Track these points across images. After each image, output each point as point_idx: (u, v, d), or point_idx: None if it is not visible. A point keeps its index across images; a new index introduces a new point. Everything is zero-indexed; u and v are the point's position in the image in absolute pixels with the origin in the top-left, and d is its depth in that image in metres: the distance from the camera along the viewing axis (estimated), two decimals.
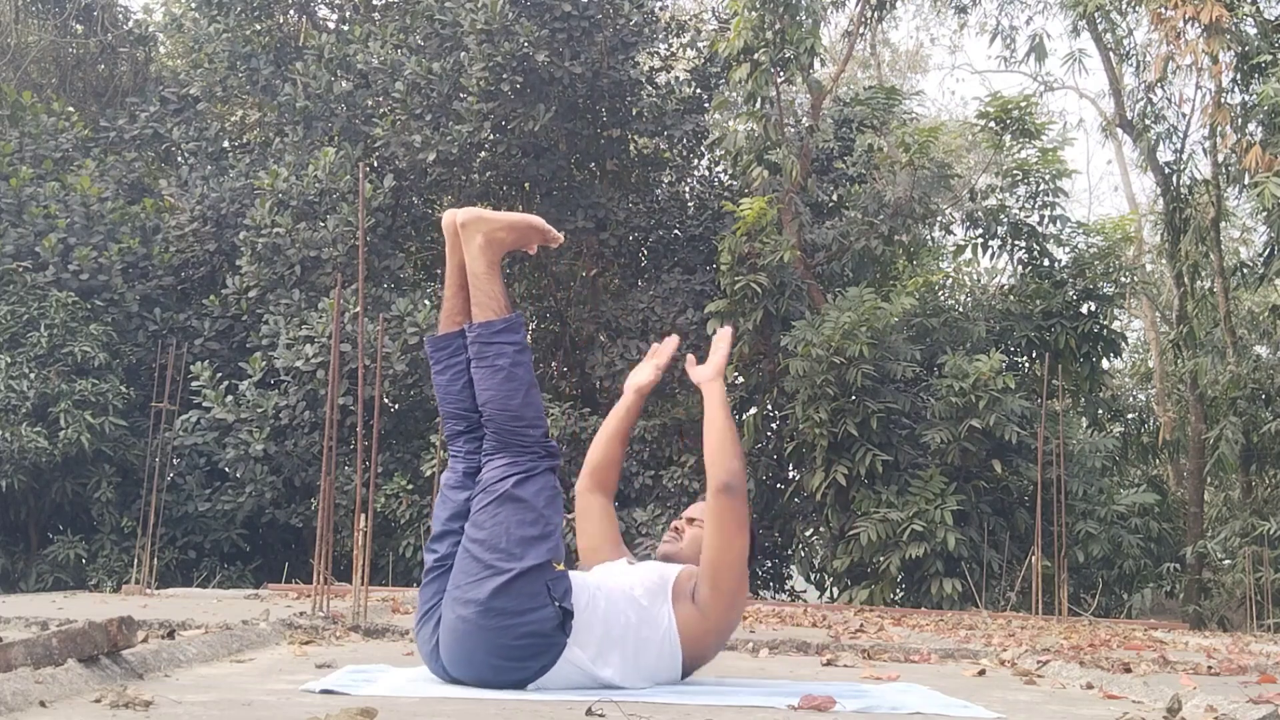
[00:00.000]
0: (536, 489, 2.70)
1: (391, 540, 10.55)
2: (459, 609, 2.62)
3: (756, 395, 11.65)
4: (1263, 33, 11.53)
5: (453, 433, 2.89)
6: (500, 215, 2.91)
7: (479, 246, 2.83)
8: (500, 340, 2.77)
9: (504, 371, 2.75)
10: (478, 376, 2.79)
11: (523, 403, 2.75)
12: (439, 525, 2.80)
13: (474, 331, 2.80)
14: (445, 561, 2.73)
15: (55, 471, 10.08)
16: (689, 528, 3.07)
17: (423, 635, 2.75)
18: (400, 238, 12.66)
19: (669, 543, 3.07)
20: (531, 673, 2.63)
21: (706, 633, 2.83)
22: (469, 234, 2.85)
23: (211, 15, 13.01)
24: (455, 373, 2.87)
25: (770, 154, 10.95)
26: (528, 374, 2.78)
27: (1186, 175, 13.26)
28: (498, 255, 2.86)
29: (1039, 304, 11.59)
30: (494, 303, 2.80)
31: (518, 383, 2.76)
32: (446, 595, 2.67)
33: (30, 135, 11.87)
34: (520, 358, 2.77)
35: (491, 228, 2.85)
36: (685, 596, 2.82)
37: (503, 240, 2.87)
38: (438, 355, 2.91)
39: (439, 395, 2.93)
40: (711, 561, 2.82)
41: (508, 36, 11.01)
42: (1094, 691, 3.11)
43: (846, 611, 7.89)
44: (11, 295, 10.35)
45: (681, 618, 2.79)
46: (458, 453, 2.86)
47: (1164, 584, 11.26)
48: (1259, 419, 11.60)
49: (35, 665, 2.24)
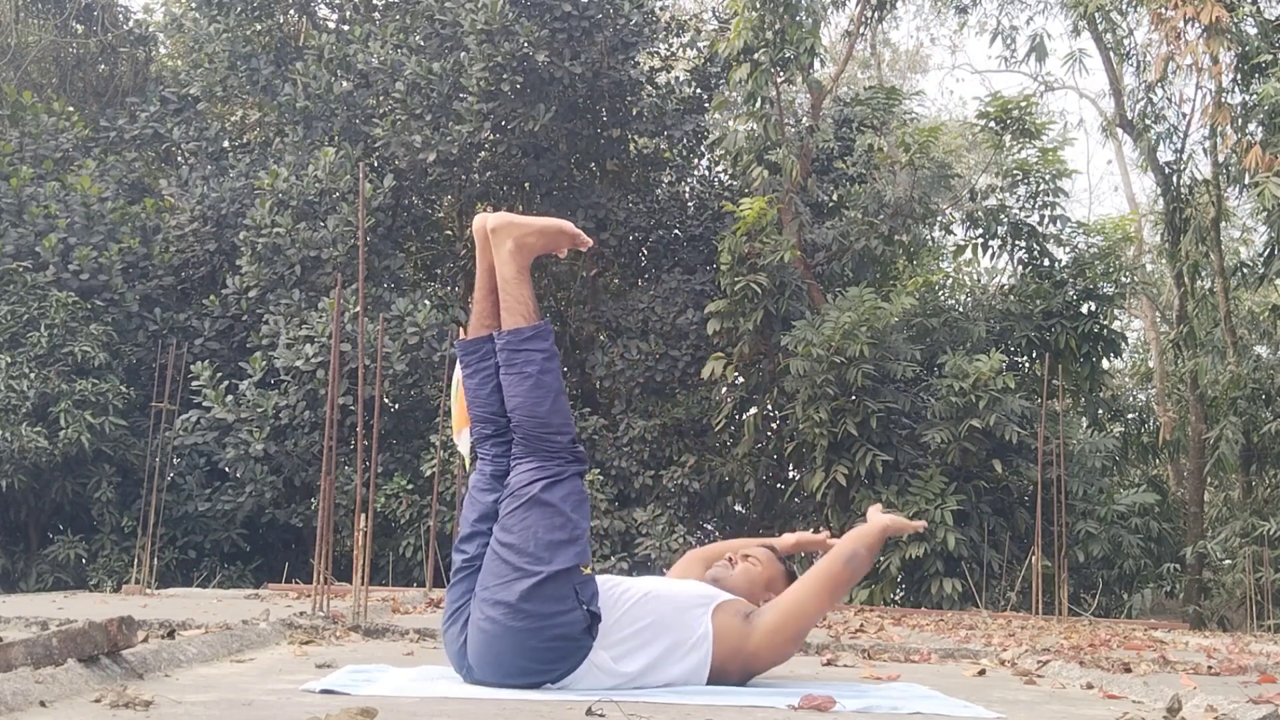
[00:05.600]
0: (564, 493, 2.71)
1: (391, 540, 10.55)
2: (488, 610, 2.63)
3: (756, 395, 11.65)
4: (1263, 33, 11.53)
5: (481, 436, 2.89)
6: (530, 220, 2.91)
7: (509, 251, 2.83)
8: (529, 347, 2.77)
9: (532, 379, 2.76)
10: (506, 383, 2.80)
11: (551, 409, 2.76)
12: (467, 527, 2.81)
13: (503, 338, 2.81)
14: (474, 562, 2.75)
15: (55, 471, 10.08)
16: (743, 561, 3.13)
17: (450, 634, 2.76)
18: (400, 238, 12.67)
19: (721, 568, 3.12)
20: (559, 674, 2.65)
21: (741, 651, 2.81)
22: (499, 239, 2.85)
23: (211, 15, 13.01)
24: (484, 377, 2.87)
25: (770, 154, 10.95)
26: (556, 381, 2.79)
27: (1186, 175, 13.26)
28: (527, 260, 2.87)
29: (1039, 304, 11.58)
30: (523, 308, 2.80)
31: (546, 389, 2.76)
32: (475, 596, 2.69)
33: (30, 135, 11.87)
34: (549, 365, 2.78)
35: (522, 233, 2.85)
36: (737, 615, 2.84)
37: (532, 245, 2.87)
38: (467, 359, 2.91)
39: (468, 398, 2.94)
40: (793, 601, 2.86)
41: (508, 36, 11.01)
42: (1094, 691, 3.11)
43: (846, 611, 7.89)
44: (11, 295, 10.34)
45: (720, 628, 2.79)
46: (486, 455, 2.87)
47: (1164, 584, 11.26)
48: (1259, 419, 11.59)
49: (35, 665, 2.24)
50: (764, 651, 2.85)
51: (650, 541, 10.00)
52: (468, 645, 2.70)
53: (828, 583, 2.90)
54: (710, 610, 2.82)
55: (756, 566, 3.10)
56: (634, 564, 9.85)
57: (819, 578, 2.90)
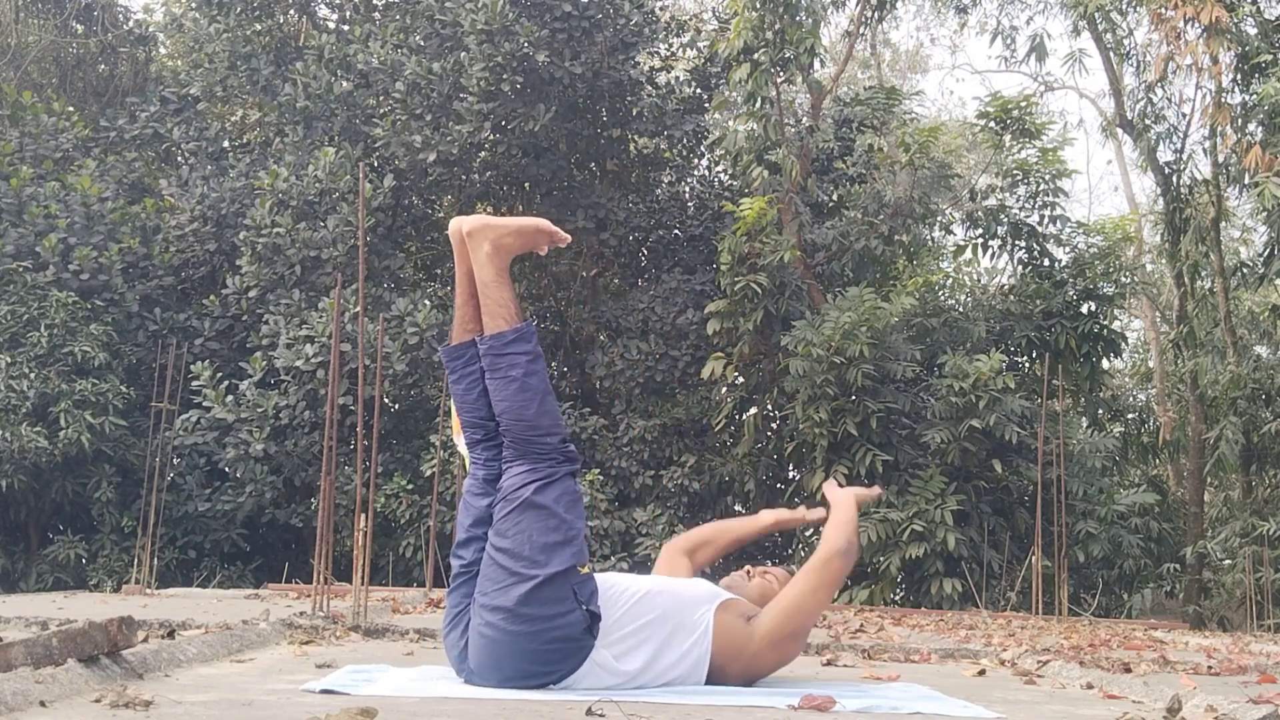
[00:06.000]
0: (556, 494, 2.70)
1: (391, 540, 10.55)
2: (487, 615, 2.63)
3: (756, 395, 11.65)
4: (1263, 33, 11.52)
5: (472, 440, 2.89)
6: (506, 221, 2.89)
7: (486, 254, 2.82)
8: (512, 351, 2.76)
9: (517, 382, 2.75)
10: (492, 387, 2.79)
11: (538, 412, 2.75)
12: (463, 532, 2.81)
13: (485, 344, 2.79)
14: (471, 568, 2.75)
15: (55, 471, 10.08)
16: (760, 577, 3.13)
17: (450, 640, 2.76)
18: (400, 238, 12.67)
19: (736, 576, 3.13)
20: (558, 675, 2.65)
21: (742, 653, 2.81)
22: (475, 242, 2.83)
23: (211, 15, 13.01)
24: (470, 382, 2.86)
25: (770, 154, 10.94)
26: (541, 382, 2.77)
27: (1186, 175, 13.26)
28: (506, 261, 2.85)
29: (1039, 304, 11.58)
30: (504, 311, 2.78)
31: (531, 392, 2.75)
32: (474, 602, 2.69)
33: (30, 135, 11.87)
34: (533, 367, 2.76)
35: (498, 234, 2.83)
36: (734, 613, 2.83)
37: (510, 246, 2.86)
38: (453, 365, 2.91)
39: (456, 403, 2.93)
40: (792, 599, 2.85)
41: (508, 36, 11.01)
42: (1094, 691, 3.11)
43: (846, 611, 7.89)
44: (11, 295, 10.34)
45: (721, 625, 2.79)
46: (478, 460, 2.86)
47: (1164, 584, 11.26)
48: (1259, 419, 11.59)
49: (35, 665, 2.24)
50: (767, 652, 2.84)
51: (650, 541, 9.99)
52: (468, 650, 2.70)
53: (826, 578, 2.89)
54: (714, 607, 2.82)
55: (773, 585, 3.08)
56: (634, 564, 9.84)
57: (816, 574, 2.89)
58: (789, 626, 2.84)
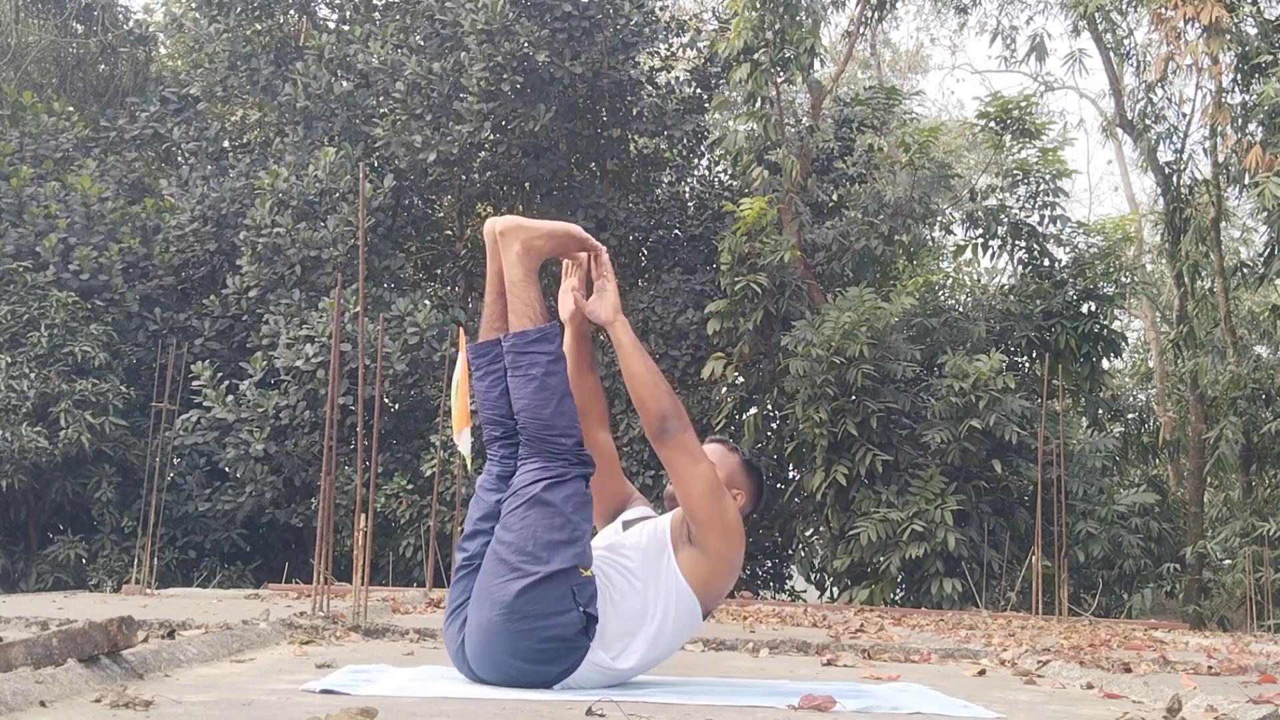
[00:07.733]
0: (566, 494, 2.70)
1: (391, 540, 10.55)
2: (485, 609, 2.64)
3: (756, 395, 11.65)
4: (1263, 33, 11.52)
5: (490, 438, 2.90)
6: (539, 223, 2.93)
7: (516, 254, 2.85)
8: (534, 350, 2.78)
9: (537, 381, 2.76)
10: (513, 385, 2.80)
11: (555, 412, 2.76)
12: (470, 524, 2.82)
13: (509, 341, 2.82)
14: (474, 561, 2.75)
15: (55, 471, 10.08)
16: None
17: (449, 633, 2.77)
18: (400, 238, 12.67)
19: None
20: (555, 675, 2.65)
21: (713, 571, 2.82)
22: (507, 242, 2.87)
23: (211, 15, 13.01)
24: (494, 379, 2.87)
25: (770, 154, 10.94)
26: (561, 383, 2.78)
27: (1186, 175, 13.26)
28: (535, 263, 2.88)
29: (1039, 304, 11.58)
30: (530, 310, 2.81)
31: (550, 392, 2.76)
32: (474, 595, 2.69)
33: (30, 135, 11.87)
34: (553, 368, 2.78)
35: (529, 235, 2.87)
36: (683, 541, 2.82)
37: (540, 248, 2.89)
38: (478, 362, 2.92)
39: (478, 401, 2.94)
40: (684, 503, 2.81)
41: (508, 36, 11.01)
42: (1094, 691, 3.11)
43: (847, 611, 7.89)
44: (12, 295, 10.35)
45: (685, 564, 2.79)
46: (494, 456, 2.87)
47: (1164, 584, 11.25)
48: (1259, 419, 11.59)
49: (35, 665, 2.24)
50: (720, 548, 2.79)
51: None
52: (465, 644, 2.70)
53: (686, 444, 2.78)
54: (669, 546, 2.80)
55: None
56: None
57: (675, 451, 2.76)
58: (703, 516, 2.77)
